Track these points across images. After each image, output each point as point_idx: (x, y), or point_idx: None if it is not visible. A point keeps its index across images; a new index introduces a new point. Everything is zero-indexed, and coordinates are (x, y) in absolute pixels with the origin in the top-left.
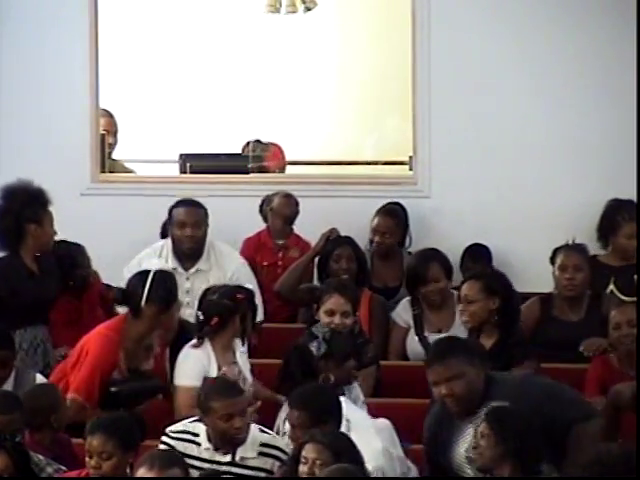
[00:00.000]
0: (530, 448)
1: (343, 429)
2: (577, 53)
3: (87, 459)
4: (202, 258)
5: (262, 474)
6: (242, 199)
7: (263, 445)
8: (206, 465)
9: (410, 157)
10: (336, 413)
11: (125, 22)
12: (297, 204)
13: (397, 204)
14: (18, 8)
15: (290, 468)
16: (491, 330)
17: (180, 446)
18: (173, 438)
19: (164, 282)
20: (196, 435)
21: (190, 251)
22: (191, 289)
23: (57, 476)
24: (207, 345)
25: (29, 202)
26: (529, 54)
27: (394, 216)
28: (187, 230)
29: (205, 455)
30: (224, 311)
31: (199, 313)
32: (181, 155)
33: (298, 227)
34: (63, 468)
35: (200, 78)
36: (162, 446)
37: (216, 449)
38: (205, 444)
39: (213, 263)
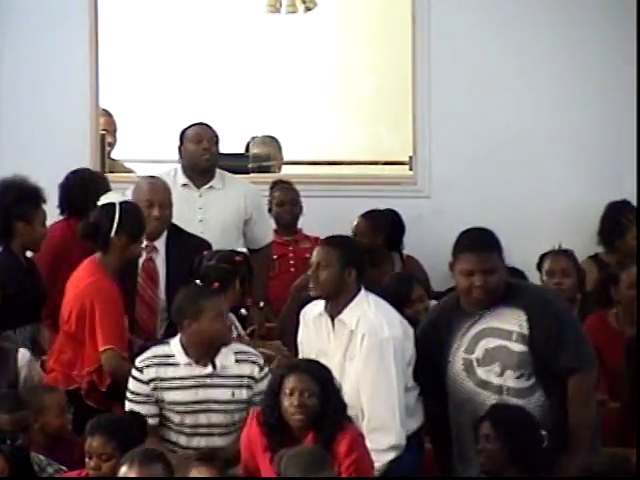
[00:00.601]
0: (534, 448)
1: (362, 293)
2: (576, 53)
3: (87, 460)
4: (215, 177)
5: (245, 381)
6: None
7: (237, 353)
8: (188, 382)
9: (410, 157)
10: (362, 266)
11: (125, 22)
12: (293, 207)
13: (388, 210)
14: (19, 8)
15: (271, 402)
16: None
17: (152, 372)
18: (144, 367)
19: (134, 212)
20: (170, 356)
21: (207, 163)
22: (204, 205)
23: (57, 476)
24: None
25: (20, 199)
26: (529, 54)
27: (369, 219)
28: (204, 143)
29: (183, 373)
30: (224, 275)
31: (197, 281)
32: None
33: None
34: (64, 468)
35: (200, 78)
36: (132, 382)
37: (197, 362)
38: (184, 360)
39: (227, 184)
